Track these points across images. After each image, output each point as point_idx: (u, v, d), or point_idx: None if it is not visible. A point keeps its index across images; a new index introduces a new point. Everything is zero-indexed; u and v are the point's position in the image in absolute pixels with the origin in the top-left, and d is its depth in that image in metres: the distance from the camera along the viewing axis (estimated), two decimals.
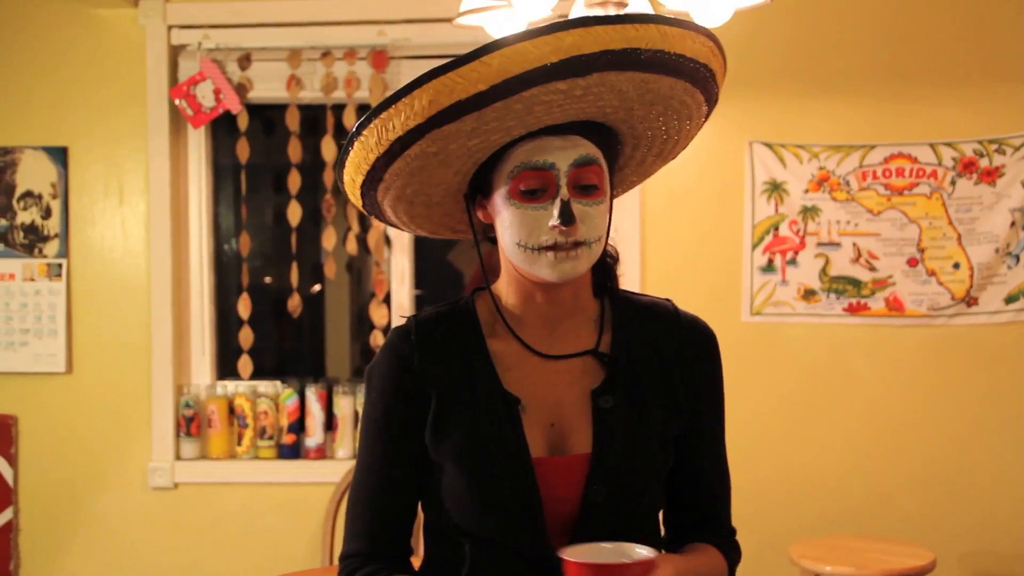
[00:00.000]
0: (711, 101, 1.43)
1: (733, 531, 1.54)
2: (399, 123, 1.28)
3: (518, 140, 1.35)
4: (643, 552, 1.23)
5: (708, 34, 1.34)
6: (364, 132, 1.32)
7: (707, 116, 1.46)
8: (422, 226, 1.53)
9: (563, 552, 1.23)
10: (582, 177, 1.35)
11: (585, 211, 1.35)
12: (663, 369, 1.47)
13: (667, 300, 1.54)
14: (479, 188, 1.42)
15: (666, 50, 1.29)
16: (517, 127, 1.31)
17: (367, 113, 1.32)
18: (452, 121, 1.27)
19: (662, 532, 1.52)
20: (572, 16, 2.48)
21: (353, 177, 1.40)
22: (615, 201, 1.50)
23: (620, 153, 1.46)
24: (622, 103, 1.34)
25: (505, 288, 1.47)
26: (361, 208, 1.47)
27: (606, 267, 1.51)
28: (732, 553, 1.51)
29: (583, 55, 1.24)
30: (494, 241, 1.45)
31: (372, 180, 1.38)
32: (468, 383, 1.42)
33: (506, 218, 1.37)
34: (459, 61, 1.24)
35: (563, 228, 1.33)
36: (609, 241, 1.47)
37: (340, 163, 1.40)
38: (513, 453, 1.39)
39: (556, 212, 1.33)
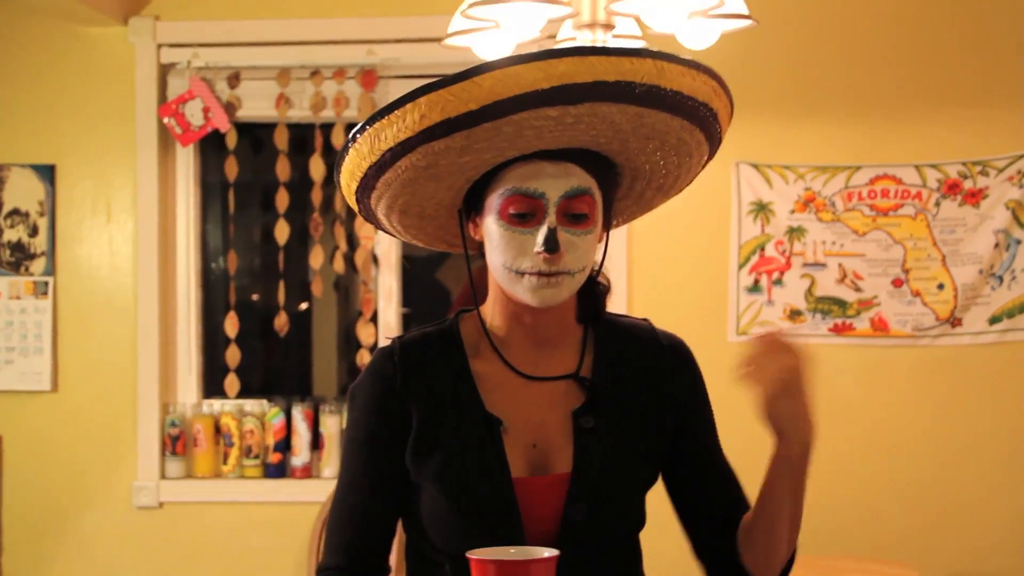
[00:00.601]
0: (713, 140, 1.42)
1: None
2: (391, 134, 1.29)
3: (513, 160, 1.35)
4: (546, 553, 1.23)
5: (711, 73, 1.34)
6: (359, 139, 1.33)
7: (710, 154, 1.45)
8: (416, 236, 1.53)
9: (469, 553, 1.23)
10: (572, 207, 1.35)
11: (572, 240, 1.35)
12: (645, 390, 1.48)
13: (645, 320, 1.55)
14: (472, 205, 1.43)
15: (662, 86, 1.28)
16: (509, 149, 1.32)
17: (363, 121, 1.33)
18: (441, 138, 1.28)
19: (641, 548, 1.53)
20: (560, 37, 2.51)
21: (348, 183, 1.41)
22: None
23: (619, 184, 1.46)
24: (616, 135, 1.34)
25: (492, 308, 1.48)
26: (358, 213, 1.48)
27: (595, 295, 1.51)
28: None
29: (575, 83, 1.24)
30: (484, 256, 1.46)
31: (365, 187, 1.39)
32: (450, 404, 1.43)
33: (494, 238, 1.38)
34: (451, 79, 1.25)
35: (546, 256, 1.34)
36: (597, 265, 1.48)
37: (337, 167, 1.41)
38: (494, 473, 1.39)
39: (541, 240, 1.34)
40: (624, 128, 1.33)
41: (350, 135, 1.35)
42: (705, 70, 1.33)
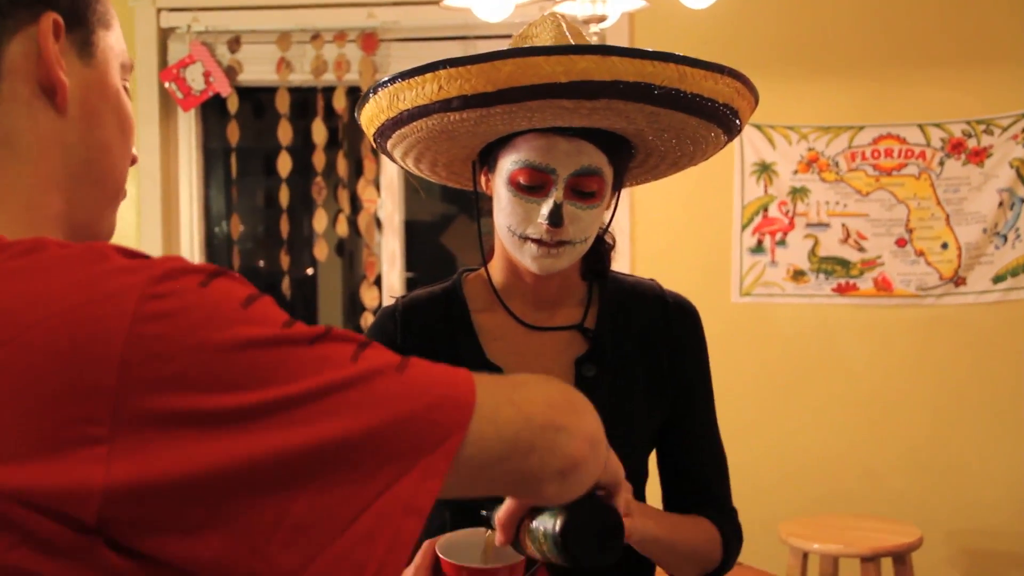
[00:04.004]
0: (732, 132, 1.42)
1: (733, 510, 1.53)
2: (409, 97, 1.31)
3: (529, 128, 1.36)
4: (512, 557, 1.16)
5: (736, 75, 1.32)
6: (380, 92, 1.35)
7: (727, 143, 1.45)
8: (428, 176, 1.56)
9: (439, 549, 1.18)
10: (581, 184, 1.37)
11: (577, 213, 1.37)
12: (649, 346, 1.49)
13: (652, 280, 1.56)
14: (486, 160, 1.45)
15: (682, 89, 1.28)
16: (524, 124, 1.33)
17: (385, 78, 1.34)
18: (458, 110, 1.29)
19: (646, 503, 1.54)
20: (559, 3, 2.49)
21: (367, 125, 1.44)
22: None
23: (632, 156, 1.47)
24: (631, 125, 1.35)
25: (496, 263, 1.50)
26: (375, 147, 1.50)
27: (600, 253, 1.52)
28: (730, 532, 1.49)
29: (593, 81, 1.24)
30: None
31: (382, 134, 1.42)
32: (452, 357, 1.44)
33: (502, 200, 1.40)
34: (472, 59, 1.25)
35: (550, 228, 1.36)
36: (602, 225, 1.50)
37: (358, 108, 1.43)
38: None
39: (546, 212, 1.35)
40: (639, 121, 1.33)
41: (372, 86, 1.37)
42: (729, 72, 1.32)
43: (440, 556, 1.18)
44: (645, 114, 1.30)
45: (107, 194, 0.85)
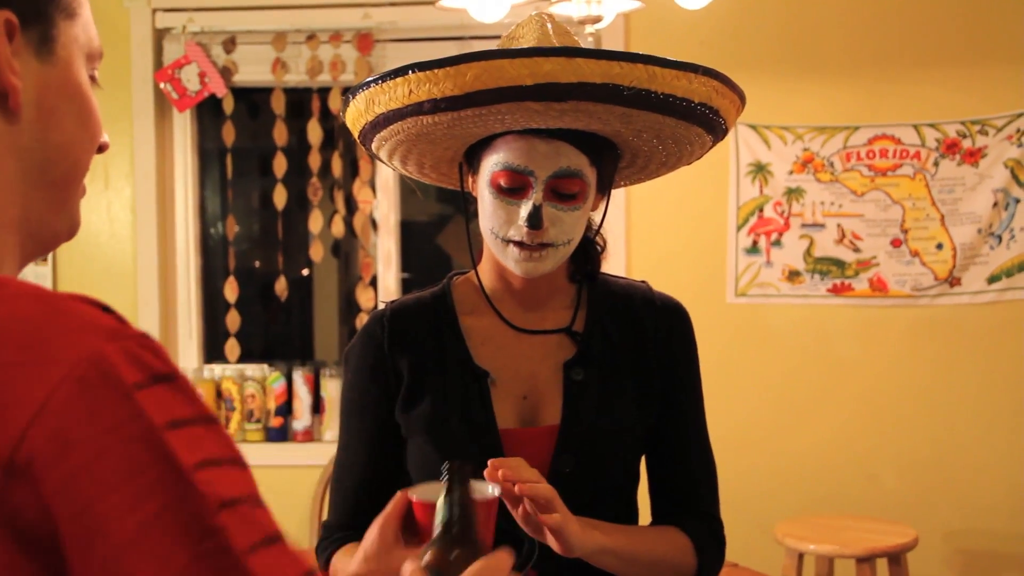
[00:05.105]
0: (716, 132, 1.40)
1: (716, 519, 1.51)
2: (383, 101, 1.32)
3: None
4: (488, 490, 1.20)
5: (712, 73, 1.31)
6: (358, 96, 1.36)
7: (716, 140, 1.43)
8: (415, 175, 1.57)
9: (410, 492, 1.21)
10: (561, 186, 1.37)
11: (558, 215, 1.37)
12: (638, 348, 1.49)
13: (642, 282, 1.56)
14: (470, 162, 1.45)
15: (653, 90, 1.26)
16: (497, 127, 1.33)
17: (361, 82, 1.35)
18: (430, 113, 1.29)
19: (638, 508, 1.54)
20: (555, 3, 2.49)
21: (351, 128, 1.45)
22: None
23: (619, 157, 1.46)
24: (606, 126, 1.34)
25: (485, 266, 1.51)
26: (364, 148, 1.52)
27: (589, 255, 1.52)
28: (706, 540, 1.46)
29: (559, 83, 1.24)
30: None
31: (364, 138, 1.43)
32: (439, 360, 1.46)
33: (485, 203, 1.41)
34: (439, 62, 1.26)
35: (529, 231, 1.36)
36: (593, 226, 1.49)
37: (342, 112, 1.45)
38: (480, 424, 1.42)
39: (525, 214, 1.36)
40: (612, 122, 1.33)
41: (350, 90, 1.38)
42: (704, 71, 1.30)
43: (412, 499, 1.21)
44: (617, 115, 1.30)
45: (67, 193, 0.81)
